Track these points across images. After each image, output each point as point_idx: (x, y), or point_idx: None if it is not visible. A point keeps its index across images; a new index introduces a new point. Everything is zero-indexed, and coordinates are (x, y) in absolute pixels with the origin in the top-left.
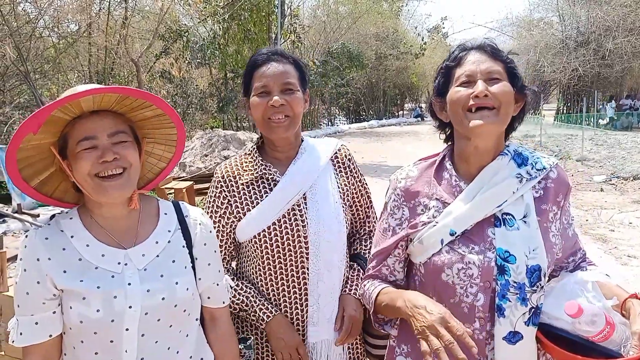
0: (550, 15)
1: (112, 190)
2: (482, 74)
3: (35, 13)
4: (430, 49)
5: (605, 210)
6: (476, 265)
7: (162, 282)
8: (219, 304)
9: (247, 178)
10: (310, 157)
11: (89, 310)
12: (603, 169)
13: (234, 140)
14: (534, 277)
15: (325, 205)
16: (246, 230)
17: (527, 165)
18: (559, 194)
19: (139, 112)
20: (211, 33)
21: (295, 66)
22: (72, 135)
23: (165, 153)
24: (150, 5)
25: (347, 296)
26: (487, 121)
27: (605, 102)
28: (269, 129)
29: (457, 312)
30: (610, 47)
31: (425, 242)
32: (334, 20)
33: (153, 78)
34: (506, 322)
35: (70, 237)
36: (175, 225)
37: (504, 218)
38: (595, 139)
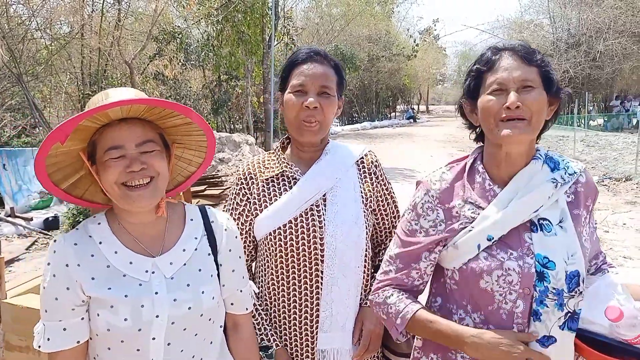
0: (541, 17)
1: (138, 200)
2: (514, 82)
3: (27, 15)
4: (422, 50)
5: (599, 211)
6: (516, 271)
7: (189, 292)
8: (242, 311)
9: (268, 175)
10: (333, 158)
11: (116, 319)
12: (595, 170)
13: (229, 142)
14: (572, 283)
15: (345, 208)
16: (262, 227)
17: (559, 169)
18: (588, 198)
19: (168, 120)
20: (205, 35)
21: (335, 70)
22: (101, 143)
23: (195, 158)
24: (143, 7)
25: (368, 309)
26: (518, 132)
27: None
28: (299, 130)
29: (495, 319)
30: (601, 48)
31: (461, 247)
32: (327, 22)
33: (147, 80)
34: (542, 326)
35: (99, 243)
36: (201, 231)
37: (540, 223)
38: (587, 140)
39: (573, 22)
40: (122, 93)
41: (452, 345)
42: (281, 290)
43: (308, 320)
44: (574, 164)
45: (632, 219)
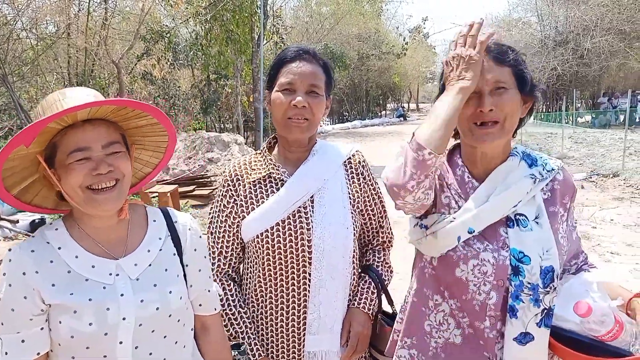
0: (529, 15)
1: (104, 203)
2: (487, 84)
3: (12, 15)
4: (412, 49)
5: (587, 207)
6: (490, 263)
7: (156, 292)
8: (210, 311)
9: (255, 177)
10: (321, 159)
11: (80, 324)
12: (583, 166)
13: (218, 142)
14: (547, 278)
15: (332, 209)
16: (249, 229)
17: (537, 165)
18: (565, 195)
19: (134, 121)
20: (193, 34)
21: (324, 69)
22: (63, 145)
23: (152, 159)
24: (130, 6)
25: (355, 310)
26: (492, 138)
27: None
28: (287, 128)
29: (468, 309)
30: (589, 46)
31: (441, 237)
32: (317, 21)
33: (135, 80)
34: (518, 323)
35: (58, 249)
36: (165, 232)
37: (517, 218)
38: (575, 137)
39: (560, 20)
40: (81, 92)
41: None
42: (269, 292)
43: (295, 322)
44: (552, 161)
45: (620, 214)
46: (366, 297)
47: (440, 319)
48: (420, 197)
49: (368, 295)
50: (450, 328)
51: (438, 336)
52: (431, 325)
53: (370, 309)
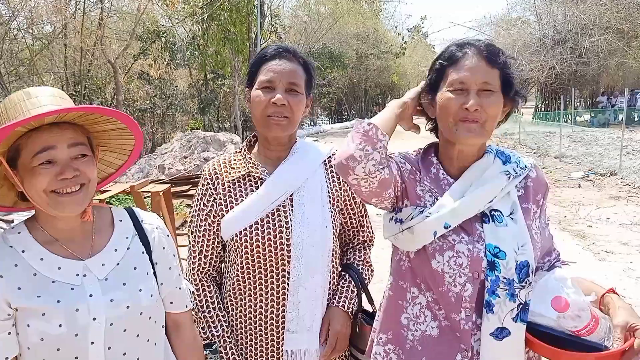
0: (527, 14)
1: (69, 206)
2: (476, 84)
3: (8, 14)
4: (411, 48)
5: (584, 206)
6: (465, 255)
7: (125, 291)
8: (182, 309)
9: (234, 175)
10: (301, 158)
11: (50, 327)
12: (581, 165)
13: (214, 141)
14: (522, 273)
15: (312, 208)
16: (228, 228)
17: (511, 162)
18: (538, 193)
19: (101, 125)
20: (190, 34)
21: (304, 68)
22: (28, 147)
23: (116, 160)
24: (127, 6)
25: (334, 309)
26: (474, 135)
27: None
28: (266, 126)
29: (443, 301)
30: (587, 45)
31: (417, 233)
32: (315, 20)
33: (131, 79)
34: (494, 318)
35: (22, 252)
36: (132, 231)
37: (492, 214)
38: (573, 136)
39: (559, 19)
40: (46, 92)
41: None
42: (247, 291)
43: (274, 321)
44: (525, 158)
45: (616, 213)
46: (346, 295)
47: (417, 311)
48: (371, 169)
49: (348, 294)
50: (427, 320)
51: (415, 329)
52: (408, 318)
53: (349, 308)
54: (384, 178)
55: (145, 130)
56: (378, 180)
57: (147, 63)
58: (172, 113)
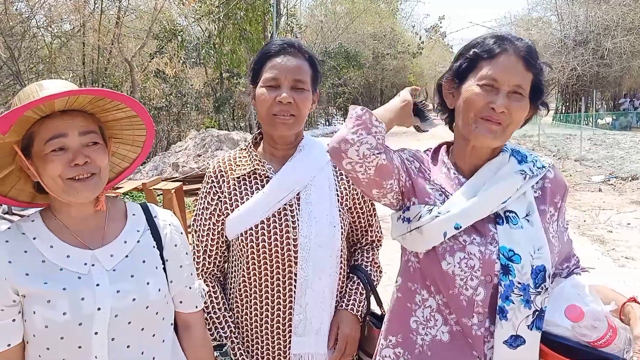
0: (548, 15)
1: (82, 191)
2: (509, 85)
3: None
4: (428, 48)
5: (604, 210)
6: (477, 257)
7: (133, 283)
8: (192, 309)
9: (239, 173)
10: (308, 156)
11: (54, 314)
12: (601, 169)
13: (228, 140)
14: (538, 278)
15: (319, 207)
16: (233, 227)
17: (527, 162)
18: (556, 194)
19: (111, 113)
20: (206, 32)
21: (310, 63)
22: (40, 135)
23: (129, 153)
24: (144, 4)
25: (343, 312)
26: (492, 137)
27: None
28: (272, 125)
29: (455, 305)
30: (609, 46)
31: (426, 233)
32: (332, 19)
33: (147, 78)
34: (508, 325)
35: (33, 239)
36: (144, 225)
37: (506, 215)
38: (594, 139)
39: (581, 20)
40: (58, 83)
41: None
42: (253, 292)
43: (281, 323)
44: (543, 158)
45: (637, 218)
46: (354, 298)
47: (427, 314)
48: (365, 152)
49: (356, 296)
50: (438, 325)
51: (425, 333)
52: (418, 322)
53: (359, 311)
54: (381, 164)
55: (161, 128)
56: (374, 165)
57: (163, 61)
58: (188, 111)
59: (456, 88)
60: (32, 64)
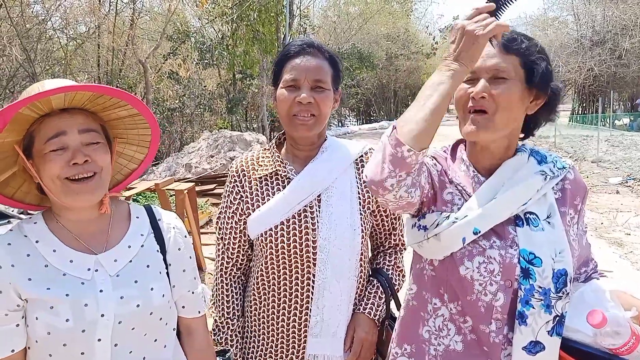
0: (565, 15)
1: (82, 194)
2: (486, 71)
3: (44, 15)
4: (442, 49)
5: (621, 213)
6: (497, 260)
7: (137, 289)
8: (194, 314)
9: (262, 173)
10: (330, 157)
11: (57, 320)
12: (619, 170)
13: (240, 141)
14: (560, 282)
15: (340, 210)
16: (254, 227)
17: (547, 162)
18: (576, 196)
19: (113, 111)
20: (219, 34)
21: (330, 62)
22: (40, 134)
23: (136, 154)
24: (158, 6)
25: (360, 315)
26: (478, 127)
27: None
28: (292, 126)
29: (472, 311)
30: (627, 46)
31: (444, 240)
32: (345, 20)
33: (161, 79)
34: (528, 330)
35: (35, 243)
36: (148, 228)
37: (527, 217)
38: (611, 140)
39: (598, 19)
40: (60, 83)
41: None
42: (271, 291)
43: (297, 324)
44: (563, 159)
45: None
46: (372, 302)
47: (439, 324)
48: (403, 195)
49: (375, 300)
50: (451, 334)
51: (437, 343)
52: (430, 332)
53: (376, 315)
54: (414, 201)
55: (174, 129)
56: (407, 202)
57: (176, 63)
58: (201, 112)
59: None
60: (48, 65)
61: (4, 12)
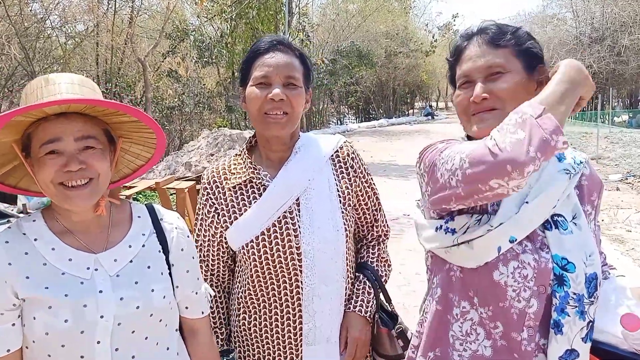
0: (563, 12)
1: (76, 200)
2: (479, 71)
3: (42, 13)
4: (441, 46)
5: (622, 210)
6: (531, 265)
7: (137, 290)
8: (198, 315)
9: (235, 182)
10: (304, 157)
11: (56, 321)
12: (619, 167)
13: (240, 139)
14: (591, 287)
15: (320, 212)
16: (233, 240)
17: (566, 158)
18: (593, 192)
19: (114, 117)
20: (218, 32)
21: (300, 60)
22: (36, 136)
23: (143, 152)
24: (157, 4)
25: (351, 314)
26: (487, 126)
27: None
28: (264, 124)
29: (504, 319)
30: (626, 43)
31: (477, 248)
32: (343, 18)
33: (160, 77)
34: (564, 339)
35: (34, 241)
36: (149, 229)
37: (555, 220)
38: (611, 137)
39: (597, 16)
40: (65, 79)
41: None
42: (262, 303)
43: (292, 333)
44: (577, 153)
45: None
46: (362, 299)
47: (467, 328)
48: (522, 184)
49: (364, 296)
50: (480, 339)
51: (463, 348)
52: (455, 337)
53: (367, 312)
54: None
55: (174, 127)
56: (500, 197)
57: (175, 61)
58: (200, 111)
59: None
60: (46, 64)
61: (2, 10)
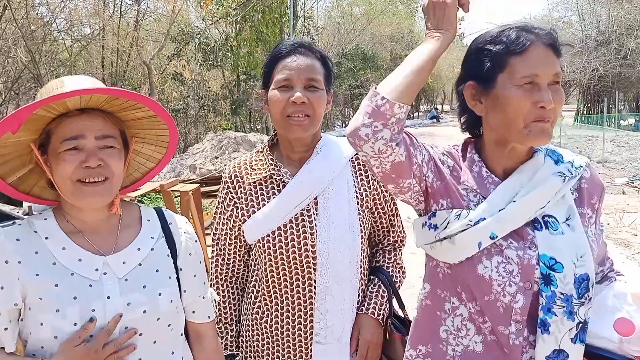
0: (569, 15)
1: (91, 197)
2: (548, 77)
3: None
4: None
5: (628, 213)
6: (515, 261)
7: (144, 294)
8: (204, 319)
9: (255, 177)
10: (325, 158)
11: (64, 324)
12: (625, 171)
13: (245, 142)
14: (582, 288)
15: (338, 211)
16: (250, 233)
17: (564, 162)
18: (593, 195)
19: (130, 112)
20: (223, 35)
21: (322, 62)
22: (57, 133)
23: (154, 153)
24: (162, 7)
25: (364, 316)
26: (547, 137)
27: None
28: (286, 127)
29: (490, 313)
30: (632, 46)
31: (459, 243)
32: (349, 21)
33: (165, 80)
34: (550, 339)
35: (45, 239)
36: (159, 232)
37: (545, 220)
38: (617, 140)
39: (603, 19)
40: (79, 81)
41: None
42: (274, 299)
43: (302, 331)
44: (578, 157)
45: None
46: (375, 302)
47: (458, 324)
48: (382, 148)
49: (377, 299)
50: (470, 334)
51: (456, 343)
52: (448, 332)
53: (380, 315)
54: (398, 160)
55: (179, 130)
56: (390, 161)
57: (180, 64)
58: (205, 114)
59: (484, 92)
60: (52, 67)
61: (9, 14)
